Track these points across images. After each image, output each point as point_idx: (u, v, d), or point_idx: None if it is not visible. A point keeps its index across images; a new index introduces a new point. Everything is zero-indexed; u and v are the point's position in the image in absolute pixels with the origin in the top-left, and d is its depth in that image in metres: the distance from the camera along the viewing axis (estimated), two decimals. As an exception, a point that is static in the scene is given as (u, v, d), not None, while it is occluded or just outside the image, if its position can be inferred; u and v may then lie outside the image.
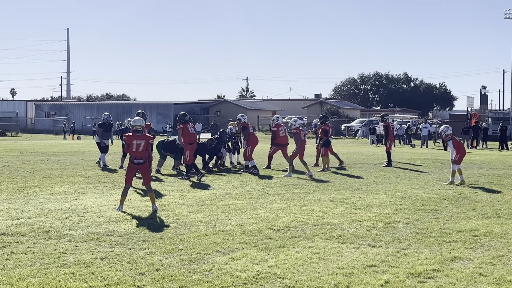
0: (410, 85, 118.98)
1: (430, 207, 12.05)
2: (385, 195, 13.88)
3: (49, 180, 16.15)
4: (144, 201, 12.40)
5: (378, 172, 19.69)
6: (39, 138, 54.36)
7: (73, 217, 10.55)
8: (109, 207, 11.63)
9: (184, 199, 12.96)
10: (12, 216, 10.57)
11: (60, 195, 13.30)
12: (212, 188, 14.94)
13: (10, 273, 6.95)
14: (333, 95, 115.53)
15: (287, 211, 11.39)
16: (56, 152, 29.80)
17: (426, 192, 14.49)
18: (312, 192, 14.36)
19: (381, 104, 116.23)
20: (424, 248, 8.42)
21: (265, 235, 9.20)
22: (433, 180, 17.25)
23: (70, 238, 8.81)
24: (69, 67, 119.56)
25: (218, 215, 10.96)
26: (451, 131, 17.13)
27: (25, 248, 8.12)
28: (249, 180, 16.86)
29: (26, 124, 76.97)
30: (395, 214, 11.17)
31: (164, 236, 9.01)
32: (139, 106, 78.93)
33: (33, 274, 6.92)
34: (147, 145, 11.47)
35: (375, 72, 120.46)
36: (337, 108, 74.40)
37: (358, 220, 10.49)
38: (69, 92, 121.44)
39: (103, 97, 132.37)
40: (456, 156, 16.38)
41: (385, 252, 8.13)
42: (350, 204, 12.44)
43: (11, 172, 18.45)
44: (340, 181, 16.81)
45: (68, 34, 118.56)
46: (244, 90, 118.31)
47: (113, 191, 14.05)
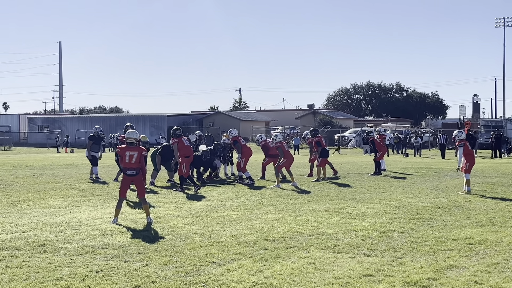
0: (402, 95, 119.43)
1: (425, 216, 12.08)
2: (379, 204, 13.91)
3: (43, 194, 16.11)
4: (139, 213, 12.38)
5: (372, 181, 19.72)
6: (32, 151, 54.21)
7: (67, 230, 10.52)
8: (103, 220, 11.60)
9: (179, 211, 12.95)
10: (6, 230, 10.53)
11: (54, 209, 13.26)
12: (207, 199, 14.94)
13: (5, 287, 6.92)
14: (326, 105, 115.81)
15: (282, 222, 11.40)
16: (50, 165, 29.71)
17: (420, 201, 14.52)
18: (306, 202, 14.37)
19: (374, 114, 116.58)
20: (419, 257, 8.44)
21: (261, 246, 9.20)
22: (427, 189, 17.29)
23: (65, 252, 8.78)
24: (62, 80, 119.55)
25: (213, 226, 10.95)
26: (464, 136, 17.16)
27: (20, 262, 8.09)
28: (244, 191, 16.86)
29: (19, 137, 76.78)
30: (390, 223, 11.19)
31: (159, 248, 9.00)
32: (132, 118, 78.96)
33: (28, 288, 6.90)
34: (140, 157, 11.47)
35: (367, 81, 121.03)
36: (330, 118, 74.51)
37: (353, 230, 10.51)
38: (62, 105, 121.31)
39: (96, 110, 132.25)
40: (466, 164, 16.34)
41: (380, 261, 8.14)
42: (345, 213, 12.45)
43: (4, 186, 18.39)
44: (335, 191, 16.83)
45: (61, 48, 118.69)
46: (237, 101, 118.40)
47: (108, 204, 14.02)
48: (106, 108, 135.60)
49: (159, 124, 74.32)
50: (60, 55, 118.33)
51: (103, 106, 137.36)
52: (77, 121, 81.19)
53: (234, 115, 79.32)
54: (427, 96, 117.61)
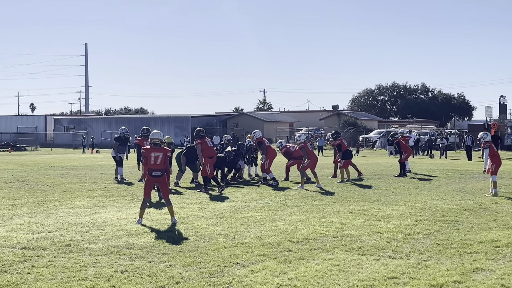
0: (428, 96, 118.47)
1: (451, 218, 11.96)
2: (404, 206, 13.80)
3: (69, 194, 16.26)
4: (163, 214, 12.43)
5: (397, 183, 19.59)
6: (58, 152, 54.77)
7: (93, 230, 10.60)
8: (128, 220, 11.68)
9: (203, 211, 12.98)
10: (32, 230, 10.64)
11: (80, 209, 13.38)
12: (231, 200, 14.95)
13: (31, 287, 6.99)
14: (351, 106, 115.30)
15: (306, 223, 11.36)
16: (75, 166, 30.00)
17: (446, 203, 14.38)
18: (331, 203, 14.32)
19: (399, 115, 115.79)
20: (445, 260, 8.35)
21: (285, 247, 9.18)
22: (453, 191, 17.12)
23: (91, 252, 8.85)
24: (88, 81, 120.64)
25: (237, 227, 10.95)
26: (490, 138, 17.12)
27: (46, 262, 8.17)
28: (268, 192, 16.85)
29: (46, 138, 77.61)
30: (415, 226, 11.09)
31: (183, 249, 9.02)
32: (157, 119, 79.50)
33: (54, 288, 6.96)
34: (165, 158, 11.51)
35: (392, 82, 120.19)
36: (354, 119, 74.17)
37: (378, 232, 10.43)
38: (88, 106, 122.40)
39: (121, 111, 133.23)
40: (492, 166, 16.20)
41: (405, 264, 8.07)
42: (369, 215, 12.38)
43: (31, 186, 18.60)
44: (359, 192, 16.75)
45: (87, 49, 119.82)
46: (262, 102, 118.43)
47: (132, 204, 14.10)
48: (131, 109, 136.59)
49: (183, 125, 74.62)
50: (86, 56, 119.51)
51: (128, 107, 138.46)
52: (103, 122, 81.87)
53: (258, 116, 79.36)
54: (453, 97, 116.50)
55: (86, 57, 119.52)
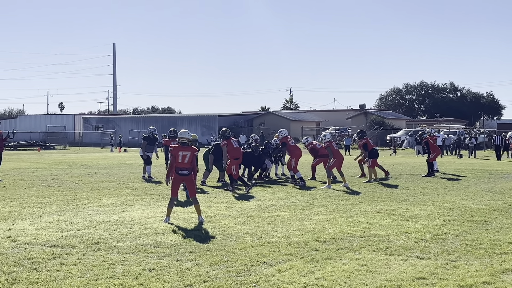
0: (456, 94, 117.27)
1: (480, 218, 11.82)
2: (433, 206, 13.68)
3: (97, 193, 16.41)
4: (190, 212, 12.49)
5: (425, 183, 19.42)
6: (86, 151, 55.33)
7: (121, 228, 10.69)
8: (156, 219, 11.75)
9: (230, 210, 13.01)
10: (61, 228, 10.76)
11: (108, 207, 13.50)
12: (258, 199, 14.96)
13: (60, 285, 7.07)
14: (378, 106, 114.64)
15: (333, 223, 11.32)
16: (104, 164, 30.28)
17: (475, 203, 14.23)
18: (358, 203, 14.25)
19: (427, 114, 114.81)
20: (474, 260, 8.26)
21: (311, 246, 9.16)
22: (482, 190, 16.92)
23: (119, 250, 8.92)
24: (116, 81, 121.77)
25: (263, 226, 10.96)
26: None
27: (75, 260, 8.26)
28: (294, 191, 16.83)
29: (74, 137, 78.48)
30: (444, 226, 10.99)
31: (210, 248, 9.05)
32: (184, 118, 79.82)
33: (83, 286, 7.03)
34: (192, 156, 11.58)
35: (420, 81, 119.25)
36: (382, 119, 73.67)
37: (405, 232, 10.36)
38: (116, 106, 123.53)
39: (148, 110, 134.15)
40: None
41: (434, 264, 8.00)
42: (397, 215, 12.29)
43: (60, 184, 18.81)
44: (387, 192, 16.64)
45: (115, 49, 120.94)
46: (288, 101, 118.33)
47: (160, 203, 14.19)
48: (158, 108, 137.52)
49: (210, 124, 74.85)
50: (114, 56, 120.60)
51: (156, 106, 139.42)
52: (130, 121, 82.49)
53: (285, 115, 79.28)
54: (482, 96, 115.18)
55: (114, 57, 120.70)
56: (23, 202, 14.34)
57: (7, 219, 11.68)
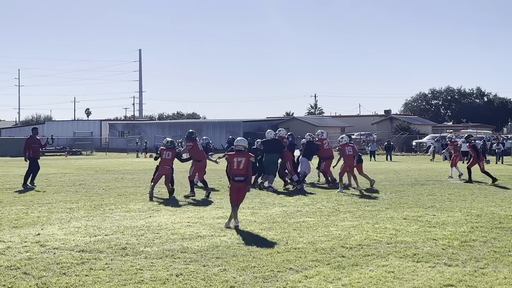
0: (483, 100, 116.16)
1: (508, 225, 11.70)
2: (460, 212, 13.57)
3: (124, 198, 16.55)
4: (216, 218, 12.54)
5: (452, 189, 19.26)
6: (113, 156, 55.80)
7: (148, 234, 10.77)
8: (182, 224, 11.81)
9: (256, 216, 13.03)
10: (89, 233, 10.88)
11: (135, 213, 13.60)
12: (283, 205, 14.96)
13: (89, 289, 7.15)
14: (404, 111, 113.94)
15: (359, 229, 11.29)
16: (130, 170, 30.51)
17: (503, 209, 14.07)
18: (384, 209, 14.18)
19: (453, 120, 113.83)
20: (502, 267, 8.18)
21: (338, 253, 9.14)
22: (510, 197, 16.73)
23: (146, 255, 8.99)
24: (141, 87, 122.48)
25: (289, 232, 10.96)
26: None
27: (103, 265, 8.34)
28: (320, 197, 16.80)
29: (101, 143, 79.23)
30: (471, 232, 10.89)
31: (237, 253, 9.08)
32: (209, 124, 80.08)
33: (111, 290, 7.10)
34: (247, 163, 11.75)
35: (446, 86, 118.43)
36: (407, 124, 73.17)
37: (433, 239, 10.29)
38: (141, 111, 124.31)
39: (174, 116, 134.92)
40: None
41: (462, 272, 7.94)
42: (424, 222, 12.21)
43: (87, 190, 19.00)
44: (413, 198, 16.53)
45: (140, 55, 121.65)
46: (313, 107, 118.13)
47: (186, 209, 14.26)
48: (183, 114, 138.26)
49: (235, 130, 74.96)
50: (140, 62, 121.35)
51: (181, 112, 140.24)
52: (156, 127, 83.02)
53: (309, 121, 79.16)
54: (509, 101, 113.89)
55: (140, 63, 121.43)
56: (51, 207, 14.52)
57: (36, 224, 11.83)
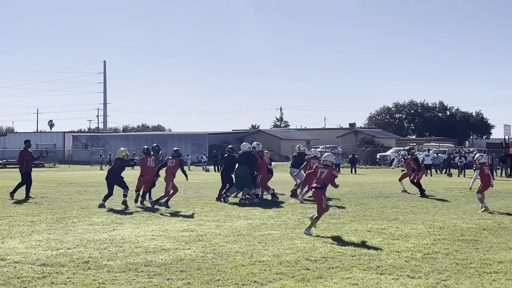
0: (446, 114, 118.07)
1: (470, 238, 11.86)
2: (423, 225, 13.71)
3: (87, 211, 16.34)
4: (181, 231, 12.47)
5: (415, 201, 19.48)
6: (76, 169, 55.13)
7: (111, 247, 10.64)
8: (146, 237, 11.70)
9: (221, 229, 12.98)
10: (51, 246, 10.70)
11: (98, 226, 13.44)
12: (248, 218, 14.94)
13: (50, 303, 7.03)
14: (368, 124, 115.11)
15: (324, 242, 11.32)
16: (94, 182, 30.18)
17: (465, 222, 14.27)
18: (348, 222, 14.26)
19: (416, 133, 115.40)
20: (464, 280, 8.28)
21: (302, 265, 9.15)
22: (471, 210, 16.99)
23: (109, 269, 8.88)
24: (106, 98, 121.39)
25: (254, 245, 10.94)
26: (485, 160, 18.27)
27: (65, 279, 8.21)
28: (285, 210, 16.82)
29: (64, 155, 78.28)
30: (434, 245, 11.01)
31: (201, 267, 9.03)
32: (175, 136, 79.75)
33: (73, 305, 6.99)
34: (330, 175, 12.75)
35: (410, 100, 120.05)
36: (371, 137, 73.94)
37: (396, 251, 10.37)
38: (106, 123, 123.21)
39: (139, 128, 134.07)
40: (481, 185, 17.22)
41: (424, 284, 8.01)
42: (387, 234, 12.31)
43: (49, 203, 18.72)
44: (377, 211, 16.67)
45: (105, 66, 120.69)
46: (278, 120, 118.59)
47: (150, 222, 14.14)
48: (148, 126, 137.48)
49: (200, 142, 74.86)
50: (105, 74, 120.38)
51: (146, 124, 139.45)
52: (121, 139, 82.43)
53: (275, 134, 79.46)
54: (471, 116, 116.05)
55: (105, 75, 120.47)
56: (12, 220, 14.26)
57: (-4, 238, 11.60)
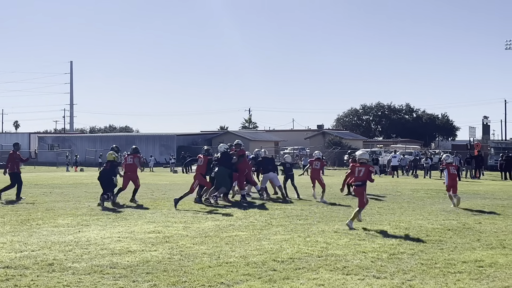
0: (412, 116, 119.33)
1: (435, 238, 12.00)
2: (389, 225, 13.84)
3: (52, 213, 16.13)
4: (148, 232, 12.38)
5: (382, 202, 19.65)
6: (42, 170, 54.41)
7: (76, 249, 10.51)
8: (112, 239, 11.60)
9: (188, 230, 12.93)
10: (15, 248, 10.54)
11: (63, 228, 13.27)
12: (216, 219, 14.91)
13: (13, 307, 6.91)
14: (336, 126, 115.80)
15: (291, 243, 11.35)
16: (59, 184, 29.80)
17: (430, 222, 14.44)
18: (315, 223, 14.32)
19: (383, 135, 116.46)
20: (429, 279, 8.37)
21: (269, 266, 9.16)
22: (437, 210, 17.20)
23: (74, 271, 8.77)
24: (72, 99, 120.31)
25: (222, 246, 10.92)
26: (452, 160, 19.42)
27: (28, 281, 8.08)
28: (253, 211, 16.83)
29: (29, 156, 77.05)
30: (400, 245, 11.12)
31: (168, 268, 8.97)
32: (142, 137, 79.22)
33: (36, 307, 6.89)
34: (367, 172, 13.89)
35: (377, 102, 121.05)
36: (339, 139, 74.45)
37: (362, 251, 10.44)
38: (72, 124, 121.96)
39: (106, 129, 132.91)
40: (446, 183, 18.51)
41: (390, 284, 8.08)
42: (354, 235, 12.39)
43: (14, 204, 18.44)
44: (344, 212, 16.76)
45: (72, 67, 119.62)
46: (247, 121, 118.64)
47: (117, 223, 14.01)
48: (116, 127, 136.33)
49: (168, 144, 74.49)
50: (71, 74, 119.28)
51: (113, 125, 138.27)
52: (87, 140, 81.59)
53: (244, 135, 79.38)
54: (437, 118, 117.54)
55: (71, 75, 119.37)
56: (-25, 222, 14.01)
57: (-42, 240, 11.38)
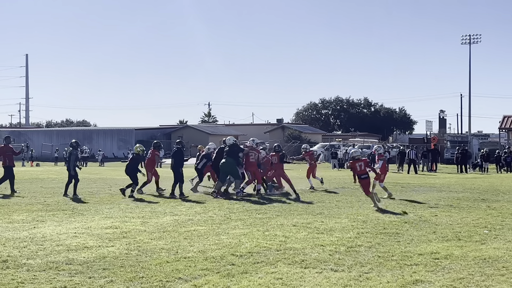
0: (370, 110, 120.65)
1: (392, 231, 12.14)
2: (347, 219, 13.94)
3: (7, 208, 15.81)
4: (105, 228, 12.23)
5: (340, 196, 19.80)
6: (-3, 165, 53.25)
7: (31, 245, 10.32)
8: (68, 235, 11.42)
9: (146, 225, 12.82)
10: (-33, 245, 10.30)
11: (18, 223, 13.02)
12: (174, 214, 14.81)
13: (-35, 305, 6.76)
14: (295, 120, 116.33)
15: (249, 237, 11.34)
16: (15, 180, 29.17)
17: (387, 215, 14.60)
18: (274, 217, 14.35)
19: (342, 129, 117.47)
20: (386, 272, 8.46)
21: (228, 261, 9.14)
22: (394, 203, 17.40)
23: (28, 268, 8.61)
24: (28, 93, 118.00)
25: (180, 241, 10.85)
26: (383, 151, 20.94)
27: (-19, 279, 7.91)
28: (212, 205, 16.78)
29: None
30: (357, 238, 11.21)
31: (125, 264, 8.87)
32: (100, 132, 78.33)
33: (-11, 306, 6.74)
34: (366, 163, 16.55)
35: (336, 97, 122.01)
36: (299, 133, 74.89)
37: (320, 245, 10.50)
38: (28, 119, 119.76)
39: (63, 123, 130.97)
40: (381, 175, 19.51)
41: (347, 277, 8.14)
42: (312, 228, 12.45)
43: (-33, 200, 18.02)
44: (303, 205, 16.84)
45: (27, 60, 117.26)
46: (207, 115, 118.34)
47: (73, 219, 13.81)
48: (73, 121, 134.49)
49: (127, 138, 73.81)
50: (27, 67, 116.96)
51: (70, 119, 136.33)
52: (43, 135, 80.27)
53: (203, 129, 79.28)
54: (395, 112, 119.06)
55: (27, 68, 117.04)
56: None
57: None
